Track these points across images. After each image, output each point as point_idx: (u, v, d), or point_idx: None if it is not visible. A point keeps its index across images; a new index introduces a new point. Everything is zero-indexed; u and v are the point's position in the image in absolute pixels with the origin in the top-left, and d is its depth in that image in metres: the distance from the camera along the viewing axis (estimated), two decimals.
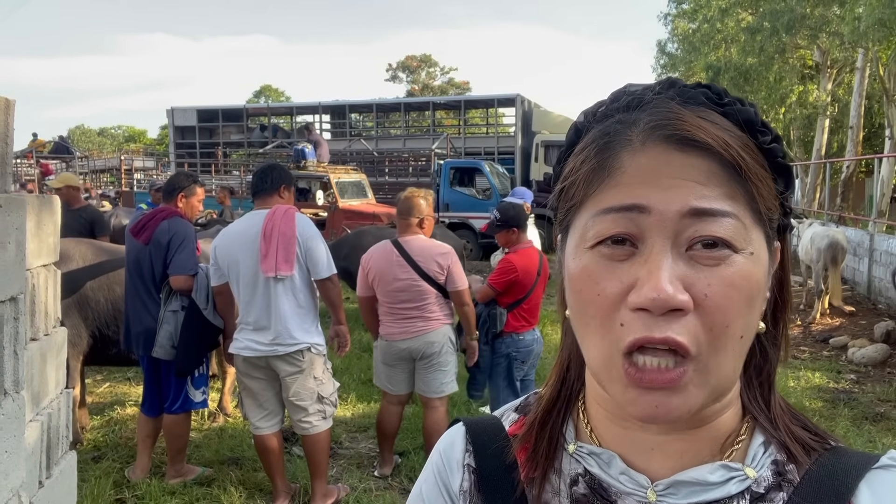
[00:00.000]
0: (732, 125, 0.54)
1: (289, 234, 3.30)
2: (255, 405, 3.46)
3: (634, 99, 0.56)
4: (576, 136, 0.59)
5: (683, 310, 0.49)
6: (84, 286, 4.10)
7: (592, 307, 0.53)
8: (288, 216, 3.34)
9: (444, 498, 0.65)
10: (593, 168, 0.55)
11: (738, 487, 0.55)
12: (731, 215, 0.51)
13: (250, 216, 3.45)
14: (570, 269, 0.56)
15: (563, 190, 0.58)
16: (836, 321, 8.15)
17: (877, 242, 9.14)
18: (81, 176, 23.83)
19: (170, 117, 22.51)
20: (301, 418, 3.42)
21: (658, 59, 25.87)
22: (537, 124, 18.22)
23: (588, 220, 0.54)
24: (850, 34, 13.05)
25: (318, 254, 3.38)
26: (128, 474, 3.84)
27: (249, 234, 3.35)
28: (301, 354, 3.35)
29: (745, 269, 0.52)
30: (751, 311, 0.53)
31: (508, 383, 4.08)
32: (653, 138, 0.53)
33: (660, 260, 0.50)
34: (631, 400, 0.52)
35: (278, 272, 3.27)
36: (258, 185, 3.49)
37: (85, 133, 58.02)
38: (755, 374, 0.60)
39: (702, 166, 0.52)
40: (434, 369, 3.78)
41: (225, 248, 3.39)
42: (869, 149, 20.73)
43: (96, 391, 5.51)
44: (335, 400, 3.54)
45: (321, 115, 22.55)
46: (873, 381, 6.03)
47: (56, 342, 1.98)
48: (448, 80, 49.22)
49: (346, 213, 11.32)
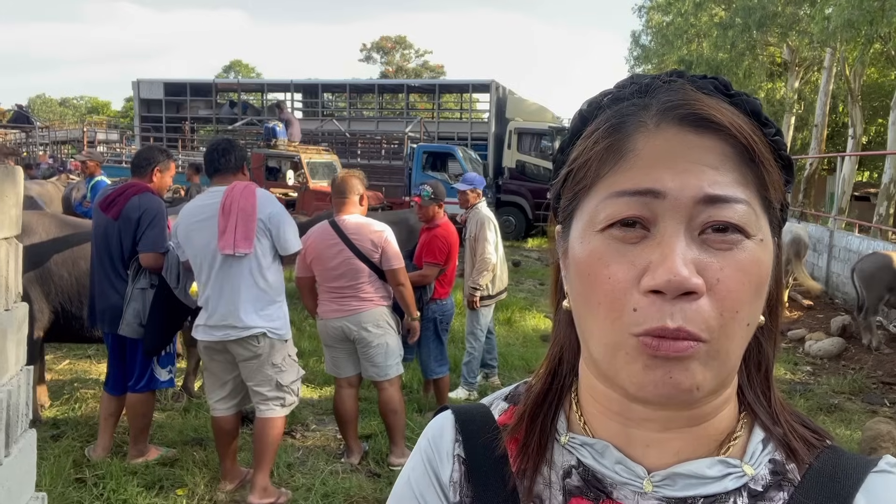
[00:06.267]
0: (741, 113, 0.54)
1: (249, 210, 3.15)
2: (214, 386, 3.39)
3: (644, 85, 0.55)
4: (581, 124, 0.58)
5: (697, 293, 0.49)
6: (48, 260, 3.98)
7: (601, 291, 0.52)
8: (248, 191, 3.21)
9: (433, 487, 0.64)
10: (606, 149, 0.54)
11: (735, 483, 0.55)
12: (744, 202, 0.51)
13: (208, 193, 3.32)
14: (576, 253, 0.55)
15: (571, 173, 0.57)
16: (795, 314, 8.39)
17: (836, 239, 9.40)
18: (42, 147, 23.13)
19: (135, 89, 21.87)
20: (258, 401, 3.33)
21: (632, 50, 26.05)
22: (511, 111, 18.20)
23: (599, 202, 0.53)
24: (818, 33, 13.29)
25: (285, 230, 3.25)
26: (88, 453, 3.76)
27: (207, 212, 3.21)
28: (256, 340, 3.20)
29: (755, 254, 0.52)
30: (758, 298, 0.53)
31: (438, 344, 4.61)
32: (668, 119, 0.52)
33: (673, 243, 0.50)
34: (642, 374, 0.51)
35: (236, 249, 3.12)
36: (217, 161, 3.32)
37: (46, 102, 56.13)
38: (755, 370, 0.60)
39: (716, 149, 0.52)
40: (374, 351, 3.75)
41: (184, 227, 3.28)
42: (832, 147, 21.23)
43: (56, 368, 5.38)
44: (297, 389, 3.41)
45: (293, 93, 22.17)
46: (828, 374, 6.22)
47: (17, 318, 1.92)
48: (423, 63, 48.82)
49: (317, 195, 11.17)
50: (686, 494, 0.55)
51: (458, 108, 24.60)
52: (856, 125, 15.28)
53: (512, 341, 6.80)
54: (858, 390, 5.72)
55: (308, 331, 6.60)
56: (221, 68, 50.67)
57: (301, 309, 6.98)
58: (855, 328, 7.08)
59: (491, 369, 5.48)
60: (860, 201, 17.97)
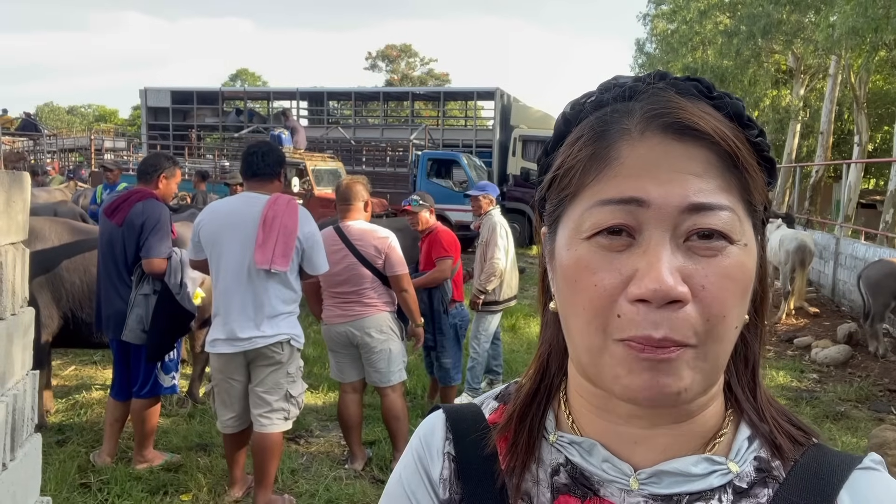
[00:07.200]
0: (724, 117, 0.54)
1: (291, 228, 3.10)
2: (226, 405, 3.30)
3: (627, 89, 0.56)
4: (565, 127, 0.59)
5: (682, 301, 0.50)
6: (59, 266, 4.00)
7: (587, 298, 0.53)
8: (291, 208, 3.16)
9: (424, 484, 0.65)
10: (589, 157, 0.54)
11: (721, 481, 0.56)
12: (728, 208, 0.52)
13: (245, 198, 3.21)
14: (562, 260, 0.56)
15: (556, 179, 0.57)
16: (801, 322, 8.34)
17: (842, 246, 9.36)
18: (49, 155, 23.27)
19: (143, 97, 22.03)
20: (262, 412, 3.21)
21: (636, 58, 26.13)
22: (516, 118, 18.23)
23: (584, 210, 0.54)
24: (823, 41, 13.30)
25: (318, 253, 3.25)
26: (93, 459, 3.77)
27: (243, 218, 3.12)
28: (281, 346, 3.17)
29: (740, 260, 0.52)
30: (744, 301, 0.54)
31: (457, 350, 4.64)
32: (651, 127, 0.53)
33: (659, 251, 0.50)
34: (626, 377, 0.51)
35: (273, 266, 3.05)
36: (256, 165, 3.21)
37: (53, 111, 56.49)
38: (742, 366, 0.61)
39: (699, 157, 0.52)
40: (376, 357, 3.75)
41: (211, 227, 3.17)
42: (838, 154, 21.19)
43: (62, 374, 5.40)
44: (300, 402, 3.38)
45: (299, 101, 22.27)
46: (835, 381, 6.19)
47: (23, 322, 1.93)
48: (427, 71, 48.99)
49: (322, 201, 11.21)
50: (671, 492, 0.56)
51: (462, 115, 24.69)
52: (861, 132, 15.25)
53: (516, 348, 6.79)
54: (865, 398, 5.68)
55: (312, 337, 6.60)
56: (228, 76, 51.06)
57: (305, 315, 6.99)
58: (861, 336, 7.04)
59: (496, 375, 5.48)
60: (866, 209, 17.92)
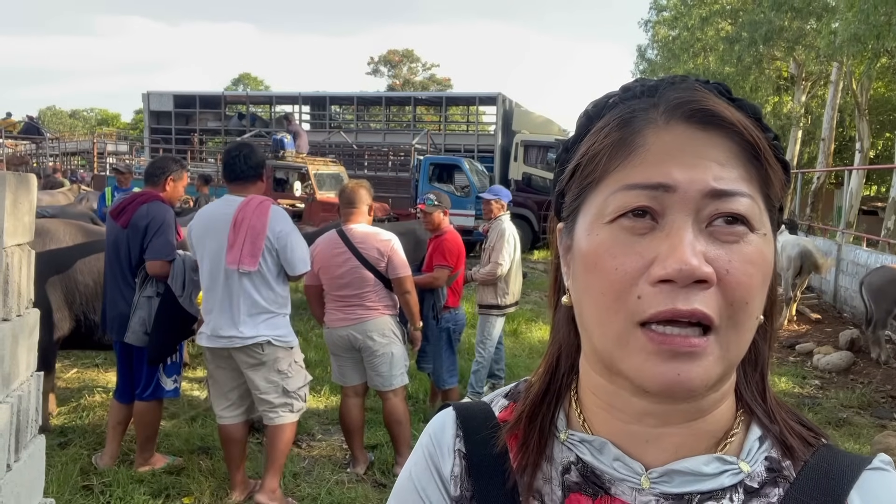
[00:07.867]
0: (745, 116, 0.55)
1: (259, 228, 3.17)
2: (219, 394, 3.41)
3: (651, 87, 0.57)
4: (588, 122, 0.59)
5: (707, 282, 0.50)
6: (72, 268, 4.00)
7: (607, 282, 0.53)
8: (261, 209, 3.22)
9: (435, 482, 0.65)
10: (615, 143, 0.55)
11: (732, 480, 0.56)
12: (748, 196, 0.53)
13: (225, 202, 3.32)
14: (582, 245, 0.56)
15: (579, 168, 0.58)
16: (803, 328, 8.34)
17: (844, 252, 9.36)
18: (52, 158, 23.33)
19: (145, 102, 22.07)
20: (266, 409, 3.35)
21: (638, 64, 26.15)
22: (518, 124, 18.24)
23: (608, 195, 0.54)
24: (825, 48, 13.33)
25: (292, 251, 3.25)
26: (95, 461, 3.77)
27: (221, 221, 3.23)
28: (260, 347, 3.23)
29: (761, 247, 0.53)
30: (764, 291, 0.54)
31: (450, 354, 4.64)
32: (676, 116, 0.54)
33: (682, 234, 0.51)
34: (652, 367, 0.51)
35: (241, 266, 3.15)
36: (237, 167, 3.30)
37: (56, 114, 56.66)
38: (751, 368, 0.61)
39: (722, 146, 0.53)
40: (378, 360, 3.76)
41: (197, 230, 3.32)
42: (839, 161, 21.18)
43: (64, 377, 5.40)
44: (304, 394, 3.45)
45: (301, 105, 22.33)
46: (837, 388, 6.18)
47: (28, 324, 1.94)
48: (429, 76, 49.11)
49: (324, 205, 11.23)
50: (683, 491, 0.56)
51: (464, 120, 24.69)
52: (863, 139, 15.27)
53: (518, 352, 6.79)
54: (867, 404, 5.67)
55: (315, 341, 6.62)
56: (230, 81, 51.19)
57: (308, 319, 7.01)
58: (863, 342, 7.03)
59: (498, 380, 5.48)
60: (868, 215, 17.89)
